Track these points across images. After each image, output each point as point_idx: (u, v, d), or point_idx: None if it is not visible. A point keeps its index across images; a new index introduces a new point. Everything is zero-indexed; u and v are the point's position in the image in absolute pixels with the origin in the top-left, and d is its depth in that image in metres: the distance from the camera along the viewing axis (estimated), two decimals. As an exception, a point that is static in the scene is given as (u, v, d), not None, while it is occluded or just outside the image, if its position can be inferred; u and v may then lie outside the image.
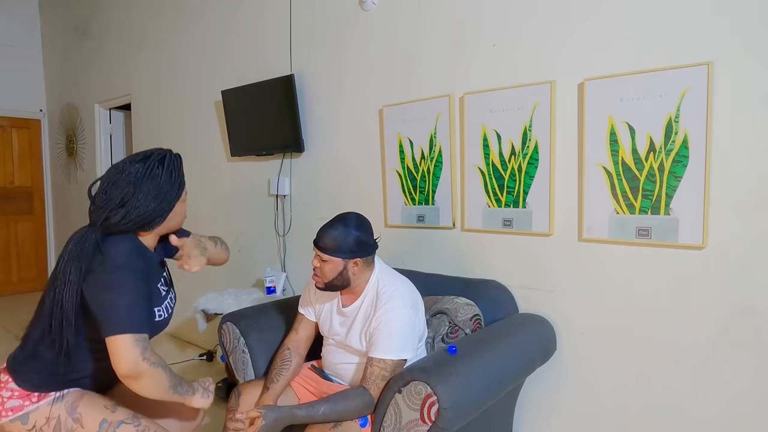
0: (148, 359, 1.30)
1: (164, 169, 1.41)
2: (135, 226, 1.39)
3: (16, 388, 1.37)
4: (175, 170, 1.44)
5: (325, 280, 1.64)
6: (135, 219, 1.37)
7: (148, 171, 1.38)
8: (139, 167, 1.38)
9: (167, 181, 1.41)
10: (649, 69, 1.69)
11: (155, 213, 1.40)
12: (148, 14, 4.05)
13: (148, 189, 1.37)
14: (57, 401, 1.38)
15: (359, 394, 1.53)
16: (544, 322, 1.96)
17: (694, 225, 1.64)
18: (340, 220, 1.65)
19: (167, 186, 1.41)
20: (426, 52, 2.29)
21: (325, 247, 1.62)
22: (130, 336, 1.28)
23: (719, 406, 1.65)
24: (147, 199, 1.37)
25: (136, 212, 1.37)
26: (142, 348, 1.29)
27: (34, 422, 1.36)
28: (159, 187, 1.39)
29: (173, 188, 1.43)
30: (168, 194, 1.42)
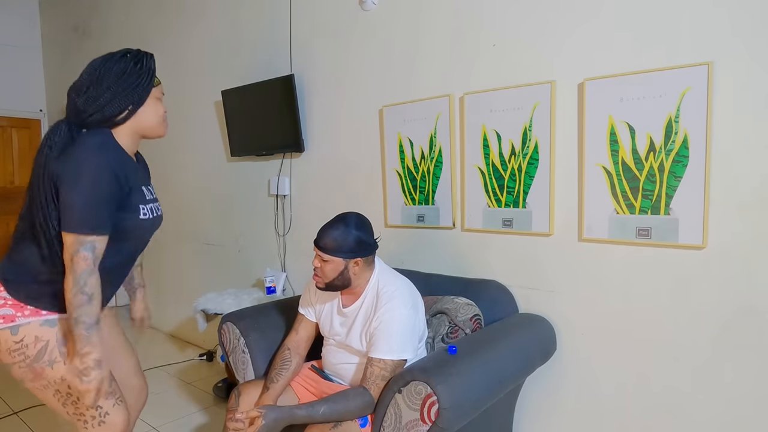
0: (75, 264, 1.27)
1: (132, 60, 1.42)
2: (102, 116, 1.40)
3: (9, 297, 1.37)
4: (145, 65, 1.45)
5: (326, 280, 1.64)
6: (101, 105, 1.38)
7: (116, 60, 1.41)
8: (109, 57, 1.42)
9: (135, 71, 1.42)
10: (649, 69, 1.69)
11: (122, 102, 1.40)
12: (148, 14, 4.05)
13: (114, 76, 1.39)
14: (49, 324, 1.37)
15: (359, 394, 1.53)
16: (544, 322, 1.96)
17: (694, 225, 1.64)
18: (340, 220, 1.65)
19: (134, 77, 1.41)
20: (426, 52, 2.29)
21: (326, 247, 1.62)
22: (71, 235, 1.29)
23: (719, 406, 1.65)
24: (112, 85, 1.38)
25: (103, 97, 1.38)
26: (74, 251, 1.28)
27: (23, 336, 1.35)
28: (125, 75, 1.40)
29: (142, 80, 1.43)
30: (136, 85, 1.42)
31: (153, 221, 1.50)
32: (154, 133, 1.52)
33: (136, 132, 1.47)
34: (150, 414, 2.66)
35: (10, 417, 2.66)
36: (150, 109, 1.47)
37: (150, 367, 3.36)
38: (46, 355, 1.36)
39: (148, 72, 1.45)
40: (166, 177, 3.98)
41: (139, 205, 1.44)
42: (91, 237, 1.30)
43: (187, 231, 3.83)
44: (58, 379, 1.38)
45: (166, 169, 3.99)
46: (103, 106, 1.39)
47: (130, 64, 1.42)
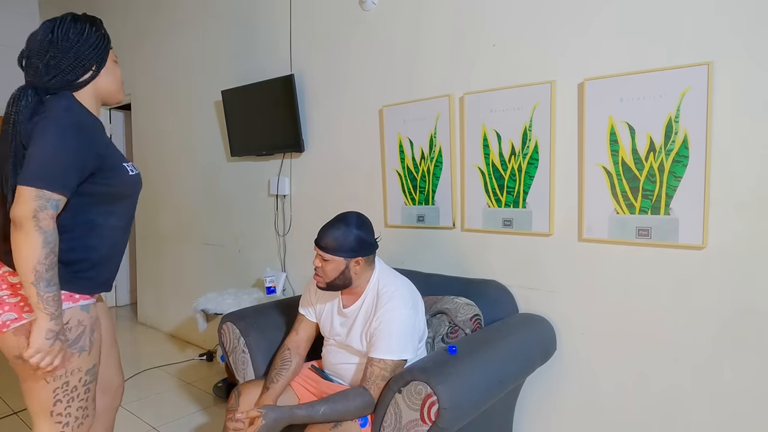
0: (39, 220, 1.22)
1: (88, 22, 1.42)
2: (65, 79, 1.38)
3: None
4: (101, 27, 1.45)
5: (327, 279, 1.64)
6: (64, 67, 1.37)
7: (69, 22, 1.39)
8: (61, 20, 1.39)
9: (93, 33, 1.41)
10: (649, 69, 1.69)
11: (84, 64, 1.39)
12: (147, 14, 4.05)
13: (74, 38, 1.38)
14: (86, 309, 1.39)
15: (359, 394, 1.53)
16: (544, 322, 1.96)
17: (694, 225, 1.64)
18: (341, 220, 1.65)
19: (93, 38, 1.41)
20: (426, 52, 2.29)
21: (327, 247, 1.62)
22: (34, 190, 1.23)
23: (719, 406, 1.65)
24: (74, 46, 1.37)
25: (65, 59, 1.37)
26: (39, 206, 1.23)
27: (68, 318, 1.34)
28: (85, 37, 1.39)
29: (101, 42, 1.43)
30: (95, 47, 1.41)
31: (138, 178, 1.50)
32: (114, 98, 1.51)
33: (97, 96, 1.47)
34: (150, 414, 2.66)
35: (10, 417, 2.66)
36: (110, 72, 1.47)
37: (150, 367, 3.36)
38: (81, 341, 1.37)
39: (105, 35, 1.45)
40: (167, 177, 3.98)
41: (122, 163, 1.43)
42: (57, 195, 1.26)
43: (187, 231, 3.83)
44: (77, 369, 1.37)
45: (166, 169, 4.00)
46: (66, 69, 1.38)
47: (86, 26, 1.41)
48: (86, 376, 1.40)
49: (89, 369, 1.40)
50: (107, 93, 1.48)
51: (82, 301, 1.38)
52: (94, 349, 1.41)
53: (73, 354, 1.36)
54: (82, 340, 1.37)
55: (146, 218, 4.27)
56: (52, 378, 1.34)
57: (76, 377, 1.37)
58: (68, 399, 1.37)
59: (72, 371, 1.36)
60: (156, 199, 4.09)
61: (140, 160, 4.30)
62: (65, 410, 1.37)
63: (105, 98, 1.50)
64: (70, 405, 1.38)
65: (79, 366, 1.37)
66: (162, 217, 4.07)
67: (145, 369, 3.32)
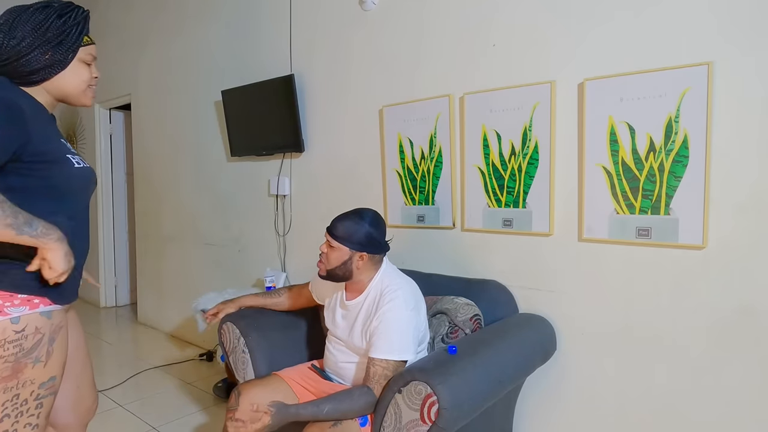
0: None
1: (56, 12, 1.25)
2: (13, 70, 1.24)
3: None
4: (72, 20, 1.28)
5: (328, 267, 1.67)
6: (12, 57, 1.22)
7: (35, 9, 1.24)
8: (30, 5, 1.24)
9: (56, 26, 1.24)
10: (649, 69, 1.69)
11: (37, 59, 1.23)
12: (147, 14, 4.05)
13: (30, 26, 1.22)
14: (46, 315, 1.24)
15: (364, 394, 1.53)
16: (544, 322, 1.96)
17: (694, 225, 1.64)
18: (357, 213, 1.68)
19: (54, 32, 1.24)
20: (426, 52, 2.29)
21: (336, 234, 1.65)
22: None
23: (719, 406, 1.65)
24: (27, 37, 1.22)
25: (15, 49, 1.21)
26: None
27: (24, 325, 1.20)
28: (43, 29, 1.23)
29: (65, 37, 1.26)
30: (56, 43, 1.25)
31: (89, 172, 1.34)
32: (75, 101, 1.35)
33: (53, 95, 1.31)
34: (150, 414, 2.66)
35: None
36: (72, 72, 1.30)
37: (150, 367, 3.36)
38: (37, 351, 1.22)
39: (74, 28, 1.28)
40: (167, 177, 3.99)
41: (66, 155, 1.27)
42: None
43: (187, 231, 3.83)
44: (29, 381, 1.22)
45: (166, 169, 4.00)
46: (14, 59, 1.22)
47: (52, 17, 1.24)
48: (39, 389, 1.24)
49: (44, 383, 1.25)
50: (65, 95, 1.32)
51: (43, 306, 1.23)
52: (53, 361, 1.26)
53: (26, 365, 1.21)
54: (37, 350, 1.22)
55: (146, 218, 4.28)
56: (4, 389, 1.19)
57: (27, 390, 1.22)
58: (16, 414, 1.22)
59: (23, 383, 1.21)
60: (156, 199, 4.09)
61: (140, 160, 4.30)
62: (11, 426, 1.22)
63: (63, 99, 1.34)
64: (18, 421, 1.22)
65: (31, 378, 1.22)
66: (162, 217, 4.07)
67: (145, 369, 3.31)
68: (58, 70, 1.28)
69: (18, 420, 1.22)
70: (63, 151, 1.28)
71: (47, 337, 1.24)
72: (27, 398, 1.23)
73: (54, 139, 1.27)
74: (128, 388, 3.02)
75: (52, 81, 1.29)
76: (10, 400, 1.21)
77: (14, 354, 1.19)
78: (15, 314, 1.19)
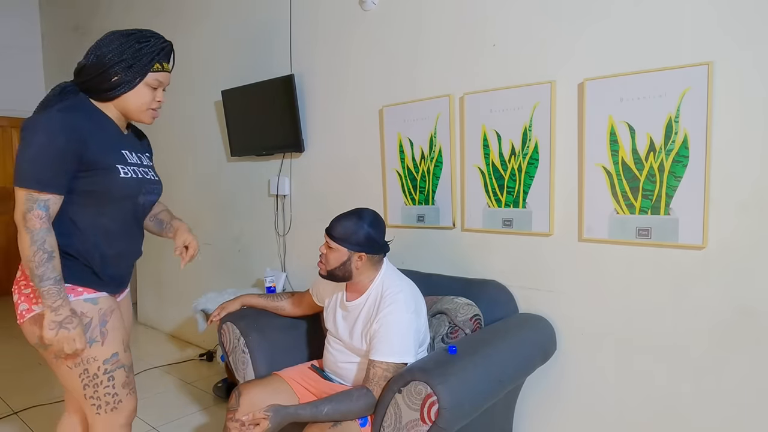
0: (27, 221, 1.29)
1: (136, 40, 1.40)
2: (93, 86, 1.41)
3: None
4: (148, 48, 1.42)
5: (328, 267, 1.67)
6: (93, 75, 1.39)
7: (121, 35, 1.40)
8: (121, 32, 1.41)
9: (132, 52, 1.39)
10: (649, 69, 1.69)
11: (111, 79, 1.39)
12: (148, 14, 4.05)
13: (113, 51, 1.38)
14: (92, 302, 1.42)
15: (363, 395, 1.53)
16: (544, 322, 1.96)
17: (694, 225, 1.64)
18: (355, 213, 1.68)
19: (130, 57, 1.39)
20: (426, 51, 2.29)
21: (334, 235, 1.65)
22: (24, 192, 1.29)
23: (719, 406, 1.65)
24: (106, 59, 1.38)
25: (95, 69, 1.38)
26: (27, 208, 1.29)
27: None
28: (122, 53, 1.38)
29: (137, 62, 1.41)
30: (128, 66, 1.40)
31: (138, 182, 1.48)
32: (136, 119, 1.51)
33: (120, 111, 1.47)
34: (150, 414, 2.66)
35: (10, 417, 2.66)
36: (137, 94, 1.44)
37: (150, 367, 3.36)
38: (89, 332, 1.39)
39: (147, 56, 1.42)
40: (167, 177, 3.98)
41: (116, 164, 1.41)
42: (45, 195, 1.30)
43: (187, 231, 3.82)
44: (91, 358, 1.40)
45: (166, 169, 3.99)
46: (95, 77, 1.40)
47: (132, 42, 1.40)
48: (105, 365, 1.42)
49: (107, 359, 1.42)
50: (128, 112, 1.48)
51: (87, 294, 1.41)
52: (109, 339, 1.43)
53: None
54: (89, 332, 1.39)
55: (146, 218, 4.27)
56: (73, 364, 1.40)
57: (94, 366, 1.41)
58: (93, 385, 1.42)
59: (88, 360, 1.40)
60: (156, 199, 4.08)
61: (140, 160, 4.29)
62: (94, 394, 1.43)
63: (127, 115, 1.50)
64: (97, 390, 1.43)
65: (93, 356, 1.41)
66: (162, 217, 4.06)
67: (145, 369, 3.31)
68: (125, 90, 1.42)
69: (97, 389, 1.43)
70: (115, 161, 1.42)
71: (96, 320, 1.41)
72: (96, 372, 1.42)
73: (110, 150, 1.42)
74: (128, 388, 3.02)
75: (119, 99, 1.44)
76: (83, 373, 1.41)
77: None
78: None
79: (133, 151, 1.51)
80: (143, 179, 1.50)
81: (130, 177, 1.45)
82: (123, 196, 1.46)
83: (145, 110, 1.48)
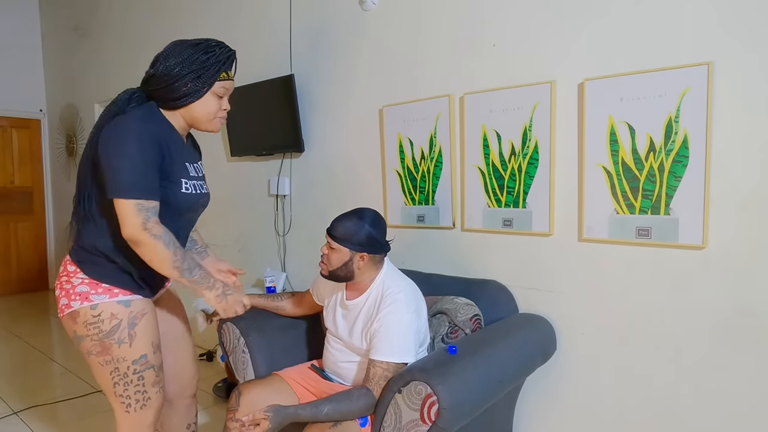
0: (150, 230, 1.32)
1: (203, 50, 1.43)
2: (162, 95, 1.44)
3: (85, 276, 1.44)
4: (213, 58, 1.44)
5: (330, 268, 1.67)
6: (162, 84, 1.42)
7: (189, 45, 1.43)
8: (189, 41, 1.44)
9: (199, 61, 1.42)
10: (649, 69, 1.69)
11: (180, 88, 1.42)
12: (147, 14, 4.05)
13: (181, 60, 1.41)
14: (124, 304, 1.45)
15: (363, 395, 1.53)
16: (544, 322, 1.96)
17: (694, 225, 1.64)
18: (356, 213, 1.67)
19: (197, 67, 1.42)
20: (426, 51, 2.29)
21: (336, 236, 1.64)
22: (133, 202, 1.31)
23: (719, 406, 1.65)
24: (175, 68, 1.41)
25: (164, 78, 1.41)
26: (144, 218, 1.31)
27: (101, 311, 1.42)
28: (189, 63, 1.41)
29: (204, 72, 1.43)
30: (196, 76, 1.42)
31: (196, 197, 1.52)
32: (203, 128, 1.53)
33: (186, 120, 1.50)
34: (150, 414, 2.66)
35: (10, 417, 2.66)
36: (203, 103, 1.47)
37: (150, 367, 3.35)
38: (117, 333, 1.43)
39: (214, 65, 1.45)
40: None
41: (181, 178, 1.46)
42: (152, 203, 1.35)
43: (187, 231, 3.83)
44: (121, 358, 1.45)
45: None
46: (163, 87, 1.43)
47: (199, 53, 1.42)
48: (134, 365, 1.46)
49: (135, 360, 1.46)
50: (195, 120, 1.50)
51: (121, 296, 1.45)
52: (138, 341, 1.46)
53: (112, 344, 1.44)
54: (118, 333, 1.43)
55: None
56: (104, 362, 1.45)
57: (123, 365, 1.45)
58: (124, 383, 1.47)
59: (117, 359, 1.45)
60: (156, 199, 4.08)
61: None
62: (124, 392, 1.47)
63: (193, 124, 1.52)
64: (127, 389, 1.47)
65: (122, 356, 1.45)
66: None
67: (145, 369, 3.31)
68: (193, 99, 1.45)
69: (127, 388, 1.47)
70: (181, 175, 1.46)
71: (125, 321, 1.45)
72: (126, 372, 1.46)
73: (177, 161, 1.45)
74: (128, 388, 3.02)
75: (187, 108, 1.47)
76: (114, 371, 1.46)
77: (96, 334, 1.43)
78: (95, 301, 1.42)
79: (192, 163, 1.55)
80: (199, 194, 1.55)
81: (190, 192, 1.49)
82: (179, 210, 1.49)
83: (213, 119, 1.51)
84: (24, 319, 4.67)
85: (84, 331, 1.43)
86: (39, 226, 5.82)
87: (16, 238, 5.68)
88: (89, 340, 1.44)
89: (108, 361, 1.45)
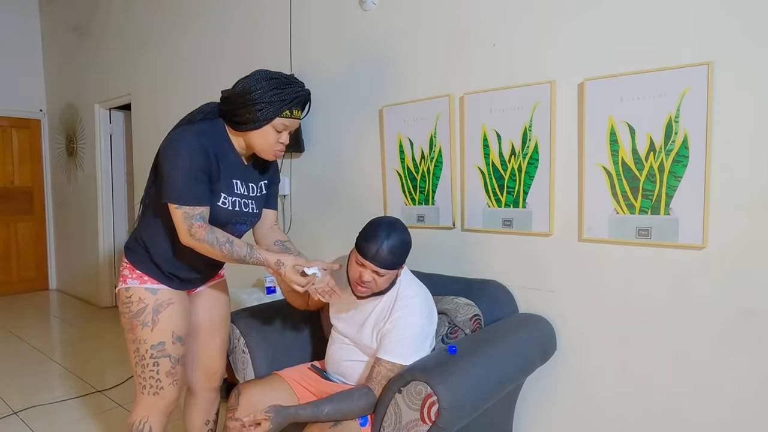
0: (194, 235, 1.45)
1: (275, 87, 1.50)
2: (229, 117, 1.54)
3: (127, 261, 1.62)
4: (281, 96, 1.50)
5: (378, 289, 1.60)
6: (231, 108, 1.53)
7: (265, 77, 1.51)
8: (270, 73, 1.53)
9: (267, 96, 1.48)
10: (649, 69, 1.70)
11: (243, 116, 1.51)
12: (147, 14, 4.05)
13: (252, 90, 1.49)
14: (151, 291, 1.59)
15: (364, 395, 1.53)
16: (544, 322, 1.96)
17: (694, 225, 1.64)
18: (394, 230, 1.55)
19: (265, 101, 1.48)
20: (426, 52, 2.29)
21: (386, 263, 1.52)
22: (180, 211, 1.45)
23: (719, 407, 1.65)
24: (244, 96, 1.49)
25: (234, 103, 1.51)
26: (188, 225, 1.45)
27: (132, 294, 1.59)
28: (259, 95, 1.48)
29: (268, 107, 1.49)
30: (260, 109, 1.49)
31: (231, 213, 1.59)
32: (259, 154, 1.60)
33: (246, 143, 1.59)
34: (150, 414, 2.66)
35: (10, 417, 2.66)
36: (262, 134, 1.53)
37: (150, 367, 3.35)
38: (143, 316, 1.57)
39: (279, 102, 1.51)
40: (166, 177, 3.98)
41: (221, 192, 1.55)
42: (199, 209, 1.46)
43: (187, 231, 3.82)
44: (142, 340, 1.57)
45: (166, 169, 3.99)
46: (232, 109, 1.53)
47: (272, 87, 1.49)
48: (152, 350, 1.57)
49: (154, 345, 1.57)
50: (253, 147, 1.58)
51: (149, 284, 1.59)
52: (159, 327, 1.57)
53: (137, 325, 1.57)
54: (143, 316, 1.57)
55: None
56: (131, 340, 1.59)
57: (143, 347, 1.58)
58: (141, 365, 1.59)
59: (139, 340, 1.58)
60: (156, 199, 4.08)
61: (140, 160, 4.30)
62: (141, 374, 1.60)
63: (250, 149, 1.60)
64: (144, 371, 1.59)
65: (143, 338, 1.57)
66: (162, 217, 4.06)
67: (145, 369, 3.31)
68: (252, 128, 1.53)
69: (144, 370, 1.59)
70: (222, 189, 1.55)
71: (151, 307, 1.58)
72: (144, 354, 1.58)
73: (224, 177, 1.55)
74: (128, 388, 3.02)
75: (246, 134, 1.56)
76: (135, 351, 1.59)
77: (128, 313, 1.59)
78: (129, 284, 1.59)
79: (246, 182, 1.63)
80: (239, 211, 1.61)
81: (227, 208, 1.57)
82: (217, 221, 1.56)
83: (268, 149, 1.57)
84: (24, 319, 4.67)
85: (121, 308, 1.61)
86: (39, 226, 5.83)
87: (16, 238, 5.68)
88: (123, 317, 1.61)
89: (133, 340, 1.59)
